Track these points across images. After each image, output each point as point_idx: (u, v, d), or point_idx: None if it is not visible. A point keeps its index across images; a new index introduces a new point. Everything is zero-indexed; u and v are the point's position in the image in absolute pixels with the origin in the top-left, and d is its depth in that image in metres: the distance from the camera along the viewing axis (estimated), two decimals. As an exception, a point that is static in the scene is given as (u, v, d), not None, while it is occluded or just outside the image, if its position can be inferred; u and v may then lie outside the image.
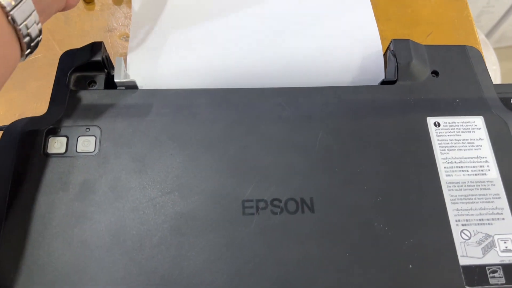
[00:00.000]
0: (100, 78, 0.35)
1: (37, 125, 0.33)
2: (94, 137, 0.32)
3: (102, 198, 0.30)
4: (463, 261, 0.30)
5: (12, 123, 0.33)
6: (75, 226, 0.30)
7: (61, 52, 0.36)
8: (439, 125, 0.34)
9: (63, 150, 0.32)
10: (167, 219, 0.30)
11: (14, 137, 0.32)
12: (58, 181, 0.31)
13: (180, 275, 0.29)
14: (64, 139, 0.32)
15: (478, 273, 0.30)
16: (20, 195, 0.30)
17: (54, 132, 0.32)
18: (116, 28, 0.53)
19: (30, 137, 0.32)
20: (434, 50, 0.38)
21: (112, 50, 0.50)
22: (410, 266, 0.30)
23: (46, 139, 0.32)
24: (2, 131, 0.33)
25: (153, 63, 0.36)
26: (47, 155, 0.31)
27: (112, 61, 0.37)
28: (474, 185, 0.33)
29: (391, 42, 0.38)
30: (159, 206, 0.30)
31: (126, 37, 0.52)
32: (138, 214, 0.30)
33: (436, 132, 0.34)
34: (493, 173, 0.33)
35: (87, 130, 0.33)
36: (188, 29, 0.37)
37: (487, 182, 0.33)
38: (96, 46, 0.35)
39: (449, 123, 0.35)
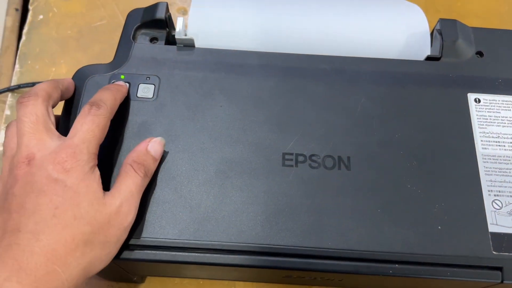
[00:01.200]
0: (162, 36, 0.39)
1: (103, 71, 0.36)
2: (153, 85, 0.35)
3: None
4: (492, 228, 0.31)
5: (79, 69, 0.36)
6: (131, 160, 0.33)
7: (123, 21, 0.39)
8: (479, 101, 0.35)
9: (125, 94, 0.35)
10: (214, 163, 0.33)
11: (83, 80, 0.36)
12: (119, 120, 0.34)
13: (221, 211, 0.31)
14: (126, 85, 0.35)
15: (506, 240, 0.31)
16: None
17: (118, 78, 0.36)
18: (175, 2, 0.56)
19: (95, 81, 0.35)
20: (481, 32, 0.39)
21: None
22: (439, 227, 0.31)
23: (110, 83, 0.35)
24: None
25: (210, 25, 0.39)
26: (111, 98, 0.35)
27: (174, 22, 0.40)
28: (510, 160, 0.33)
29: (438, 21, 0.39)
30: (207, 151, 0.33)
31: (184, 11, 0.56)
32: (188, 155, 0.33)
33: (476, 108, 0.35)
34: (530, 150, 0.34)
35: (148, 78, 0.36)
36: (242, 8, 0.40)
37: (523, 158, 0.33)
38: (161, 6, 0.38)
39: (490, 100, 0.36)
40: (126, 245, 0.30)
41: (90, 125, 0.30)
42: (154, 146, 0.32)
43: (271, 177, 0.32)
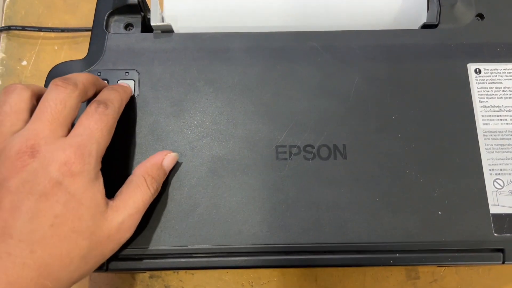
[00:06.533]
0: (137, 21, 0.36)
1: (78, 68, 0.34)
2: (133, 81, 0.33)
3: (142, 140, 0.32)
4: (493, 210, 0.31)
5: (54, 67, 0.34)
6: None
7: None
8: (480, 72, 0.33)
9: (104, 93, 0.33)
10: (204, 162, 0.31)
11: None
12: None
13: (217, 214, 0.30)
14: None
15: (508, 221, 0.30)
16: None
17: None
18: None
19: (72, 80, 0.33)
20: (482, -9, 0.36)
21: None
22: (440, 212, 0.30)
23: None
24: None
25: (189, 4, 0.36)
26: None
27: (148, 3, 0.37)
28: (511, 135, 0.32)
29: (435, -18, 0.36)
30: (197, 149, 0.32)
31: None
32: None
33: (476, 79, 0.33)
34: (533, 122, 0.32)
35: (126, 74, 0.33)
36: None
37: (525, 131, 0.32)
38: (132, -11, 0.35)
39: (491, 70, 0.34)
40: (122, 256, 0.30)
41: (99, 124, 0.27)
42: (168, 161, 0.30)
43: (265, 172, 0.31)
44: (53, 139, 0.26)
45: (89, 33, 0.36)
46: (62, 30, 0.48)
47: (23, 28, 0.48)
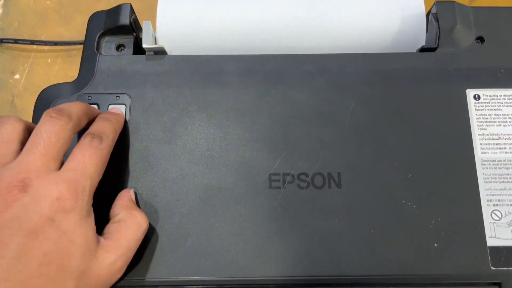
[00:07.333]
0: (129, 41, 0.35)
1: (68, 91, 0.33)
2: (124, 105, 0.33)
3: (133, 167, 0.31)
4: (490, 242, 0.30)
5: (44, 90, 0.33)
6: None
7: None
8: (479, 98, 0.33)
9: (94, 118, 0.32)
10: (196, 191, 0.31)
11: (48, 101, 0.33)
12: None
13: (208, 244, 0.30)
14: (95, 107, 0.32)
15: (505, 254, 0.30)
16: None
17: (84, 99, 0.33)
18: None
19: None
20: (482, 12, 0.35)
21: None
22: (436, 245, 0.30)
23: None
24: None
25: (182, 26, 0.35)
26: (80, 123, 0.32)
27: (141, 23, 0.36)
28: (510, 164, 0.31)
29: (434, 4, 0.35)
30: (188, 177, 0.31)
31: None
32: (168, 184, 0.31)
33: (475, 106, 0.33)
34: (533, 151, 0.32)
35: (117, 98, 0.33)
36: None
37: (525, 161, 0.31)
38: (124, 9, 0.34)
39: (490, 96, 0.33)
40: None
41: (93, 159, 0.27)
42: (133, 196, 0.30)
43: (258, 202, 0.31)
44: (45, 172, 0.25)
45: (83, 46, 0.35)
46: (56, 43, 0.47)
47: (16, 41, 0.47)
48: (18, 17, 0.49)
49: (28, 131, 0.28)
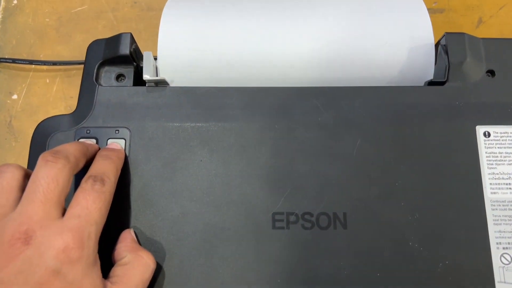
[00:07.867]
0: (129, 71, 0.34)
1: (67, 124, 0.32)
2: (123, 140, 0.32)
3: (132, 205, 0.30)
4: (500, 287, 0.29)
5: (41, 123, 0.32)
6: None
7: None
8: (489, 135, 0.32)
9: (93, 153, 0.31)
10: (197, 230, 0.30)
11: (44, 139, 0.32)
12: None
13: (209, 287, 0.29)
14: (93, 142, 0.31)
15: (514, 300, 0.29)
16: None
17: (83, 133, 0.32)
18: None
19: (59, 138, 0.32)
20: (493, 44, 0.34)
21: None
22: (443, 289, 0.29)
23: (76, 139, 0.32)
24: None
25: (184, 56, 0.34)
26: (78, 158, 0.31)
27: (142, 51, 0.35)
28: (521, 205, 0.31)
29: (443, 35, 0.34)
30: (189, 216, 0.30)
31: None
32: (168, 223, 0.30)
33: (485, 144, 0.32)
34: (544, 192, 0.31)
35: (117, 132, 0.32)
36: (220, 22, 0.35)
37: (536, 202, 0.30)
38: (124, 39, 0.33)
39: (501, 133, 0.32)
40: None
41: (97, 203, 0.26)
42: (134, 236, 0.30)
43: (261, 242, 0.30)
44: (48, 221, 0.25)
45: (82, 66, 0.34)
46: (54, 63, 0.46)
47: (14, 60, 0.46)
48: (16, 35, 0.48)
49: (28, 177, 0.27)
